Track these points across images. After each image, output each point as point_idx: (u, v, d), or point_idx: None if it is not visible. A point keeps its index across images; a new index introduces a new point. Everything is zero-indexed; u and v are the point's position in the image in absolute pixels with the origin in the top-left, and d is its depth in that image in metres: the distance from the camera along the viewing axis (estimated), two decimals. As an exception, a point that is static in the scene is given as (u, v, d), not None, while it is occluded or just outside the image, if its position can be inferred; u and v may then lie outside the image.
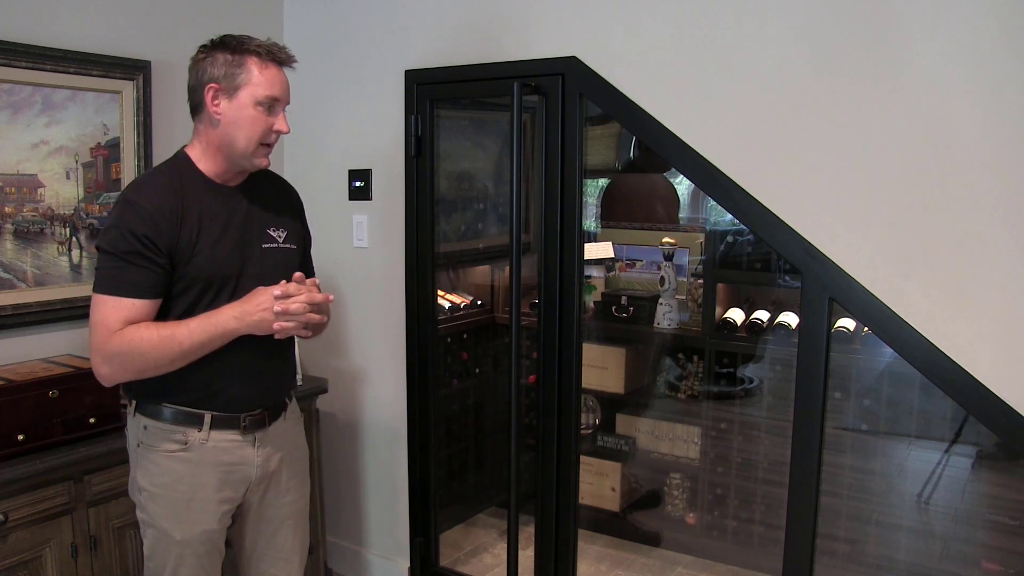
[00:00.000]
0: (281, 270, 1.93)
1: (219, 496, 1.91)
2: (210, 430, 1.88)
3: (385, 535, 3.16)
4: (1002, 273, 1.91)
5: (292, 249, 2.00)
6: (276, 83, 1.83)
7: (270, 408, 1.97)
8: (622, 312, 3.48)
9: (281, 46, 1.87)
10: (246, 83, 1.80)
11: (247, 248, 1.90)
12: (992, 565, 2.73)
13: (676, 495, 3.43)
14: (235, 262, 1.87)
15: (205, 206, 1.85)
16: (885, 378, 2.98)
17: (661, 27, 2.30)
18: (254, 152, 1.84)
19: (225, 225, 1.87)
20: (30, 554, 2.13)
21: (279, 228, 1.98)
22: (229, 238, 1.87)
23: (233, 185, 1.93)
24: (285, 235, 1.99)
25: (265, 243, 1.94)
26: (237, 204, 1.91)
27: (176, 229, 1.79)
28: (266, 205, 1.97)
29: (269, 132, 1.84)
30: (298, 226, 2.06)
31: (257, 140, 1.83)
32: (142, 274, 1.76)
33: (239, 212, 1.91)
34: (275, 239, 1.96)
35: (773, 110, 2.16)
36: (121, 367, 1.77)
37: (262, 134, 1.83)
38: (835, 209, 2.10)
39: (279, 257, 1.96)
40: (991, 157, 1.90)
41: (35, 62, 2.41)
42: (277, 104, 1.84)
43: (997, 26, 1.87)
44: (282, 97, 1.85)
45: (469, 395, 3.64)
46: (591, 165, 3.49)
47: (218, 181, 1.90)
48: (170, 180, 1.84)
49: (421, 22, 2.80)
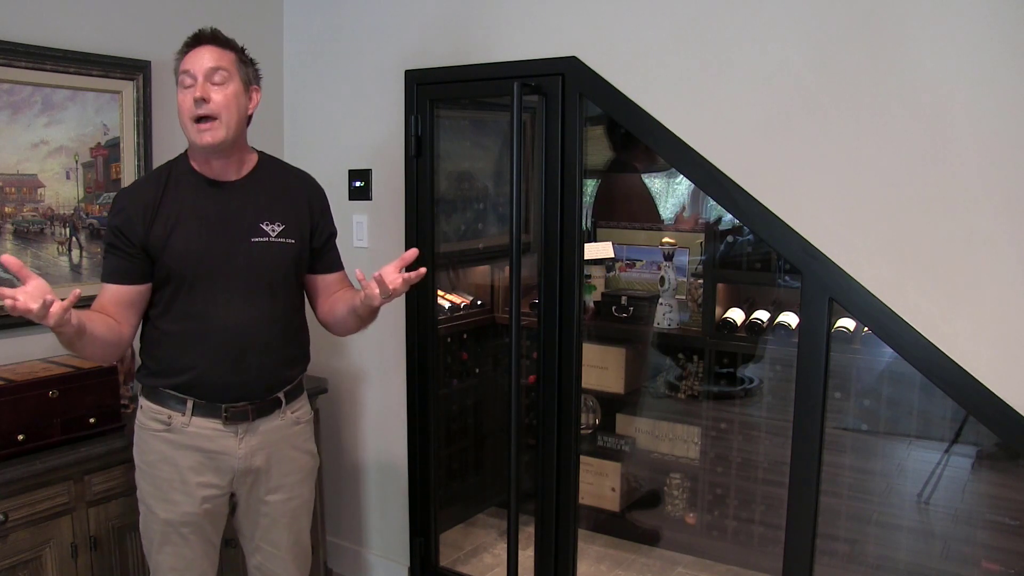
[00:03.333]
0: (271, 265, 1.98)
1: (199, 480, 1.96)
2: (192, 415, 1.95)
3: (385, 535, 3.16)
4: (1002, 273, 1.91)
5: (287, 244, 2.00)
6: (190, 60, 1.89)
7: (255, 403, 1.98)
8: (622, 312, 3.48)
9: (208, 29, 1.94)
10: (177, 73, 1.93)
11: (232, 243, 1.94)
12: (992, 565, 2.72)
13: (676, 495, 3.43)
14: (210, 254, 1.91)
15: (187, 202, 1.93)
16: (885, 378, 2.98)
17: (661, 27, 2.30)
18: (191, 131, 1.89)
19: (206, 220, 1.93)
20: (30, 554, 2.13)
21: (274, 223, 1.99)
22: (208, 233, 1.92)
23: (229, 180, 1.97)
24: (281, 229, 1.99)
25: (255, 237, 1.96)
26: (227, 199, 1.96)
27: (148, 223, 1.89)
28: (265, 199, 2.00)
29: (191, 106, 1.87)
30: (305, 220, 2.06)
31: (187, 118, 1.88)
32: (115, 262, 1.92)
33: (225, 205, 1.95)
34: (267, 233, 1.98)
35: (773, 110, 2.16)
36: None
37: (188, 110, 1.88)
38: (835, 209, 2.10)
39: (269, 252, 1.98)
40: (991, 156, 1.90)
41: (35, 62, 2.41)
42: (190, 76, 1.88)
43: (997, 27, 1.87)
44: (193, 69, 1.88)
45: (469, 395, 3.64)
46: (591, 165, 3.49)
47: (211, 176, 1.96)
48: (158, 176, 1.97)
49: (421, 22, 2.79)
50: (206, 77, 1.86)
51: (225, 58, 1.90)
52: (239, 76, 1.92)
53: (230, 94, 1.89)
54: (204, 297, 1.92)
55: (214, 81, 1.87)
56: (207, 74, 1.86)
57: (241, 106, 1.92)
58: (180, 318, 1.93)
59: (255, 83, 1.99)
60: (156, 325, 1.97)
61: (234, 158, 1.97)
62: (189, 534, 1.99)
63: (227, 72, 1.89)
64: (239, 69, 1.93)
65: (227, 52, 1.91)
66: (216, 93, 1.87)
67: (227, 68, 1.89)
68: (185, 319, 1.93)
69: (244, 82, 1.94)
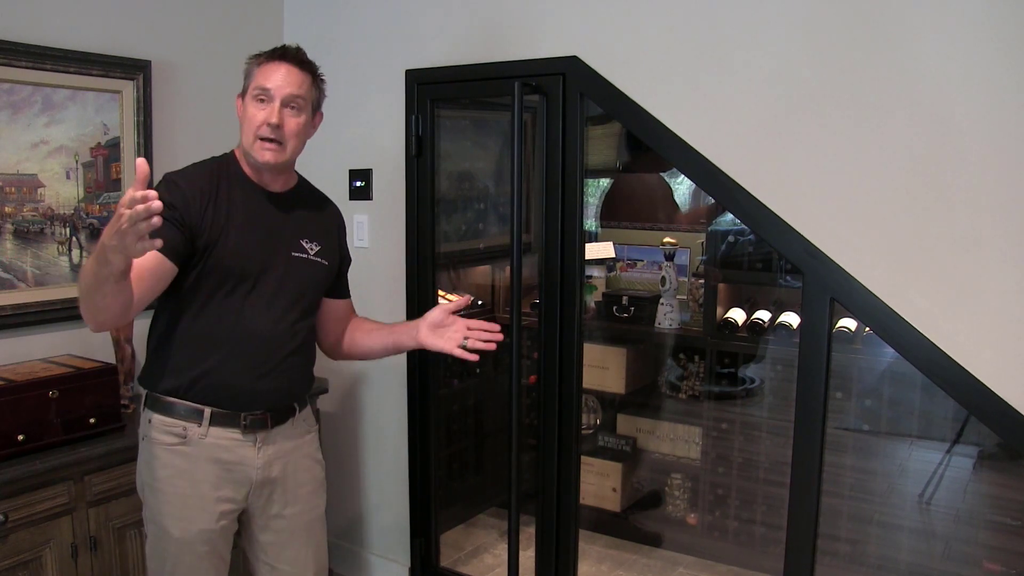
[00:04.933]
0: (306, 281, 1.98)
1: (217, 494, 1.91)
2: (209, 426, 1.89)
3: (385, 535, 3.16)
4: (1003, 272, 1.91)
5: (323, 264, 2.02)
6: (270, 75, 1.86)
7: (274, 410, 1.97)
8: (623, 312, 3.48)
9: (294, 46, 1.92)
10: (251, 82, 1.89)
11: (274, 251, 1.93)
12: (993, 565, 2.72)
13: (677, 495, 3.43)
14: (257, 259, 1.90)
15: (238, 199, 1.91)
16: (886, 378, 2.98)
17: (662, 27, 2.30)
18: (252, 145, 1.88)
19: (255, 222, 1.91)
20: (30, 554, 2.12)
21: (313, 241, 2.00)
22: (256, 235, 1.91)
23: (274, 190, 1.97)
24: (318, 249, 2.01)
25: (295, 252, 1.96)
26: (273, 208, 1.96)
27: (203, 209, 1.84)
28: (305, 217, 2.01)
29: (261, 124, 1.85)
30: (335, 246, 2.08)
31: (253, 133, 1.87)
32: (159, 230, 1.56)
33: (273, 216, 1.95)
34: (306, 250, 1.98)
35: (774, 110, 2.15)
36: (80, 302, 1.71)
37: (256, 126, 1.86)
38: (837, 209, 2.09)
39: (306, 268, 1.98)
40: (992, 156, 1.89)
41: (35, 62, 2.41)
42: (267, 95, 1.85)
43: (998, 27, 1.87)
44: (274, 88, 1.85)
45: (469, 395, 3.63)
46: (592, 165, 3.48)
47: (258, 183, 1.95)
48: (210, 169, 1.93)
49: (422, 21, 2.79)
50: (283, 102, 1.86)
51: (305, 84, 1.89)
52: (311, 103, 1.92)
53: (302, 122, 1.90)
54: (242, 301, 1.89)
55: (290, 106, 1.87)
56: (285, 99, 1.86)
57: (306, 133, 1.94)
58: (214, 320, 1.88)
59: (320, 106, 1.99)
60: (189, 326, 1.88)
61: (283, 175, 1.99)
62: (204, 553, 1.92)
63: (303, 100, 1.89)
64: (312, 95, 1.93)
65: (306, 76, 1.90)
66: (290, 119, 1.87)
67: (304, 96, 1.89)
68: (219, 321, 1.88)
69: (313, 108, 1.94)
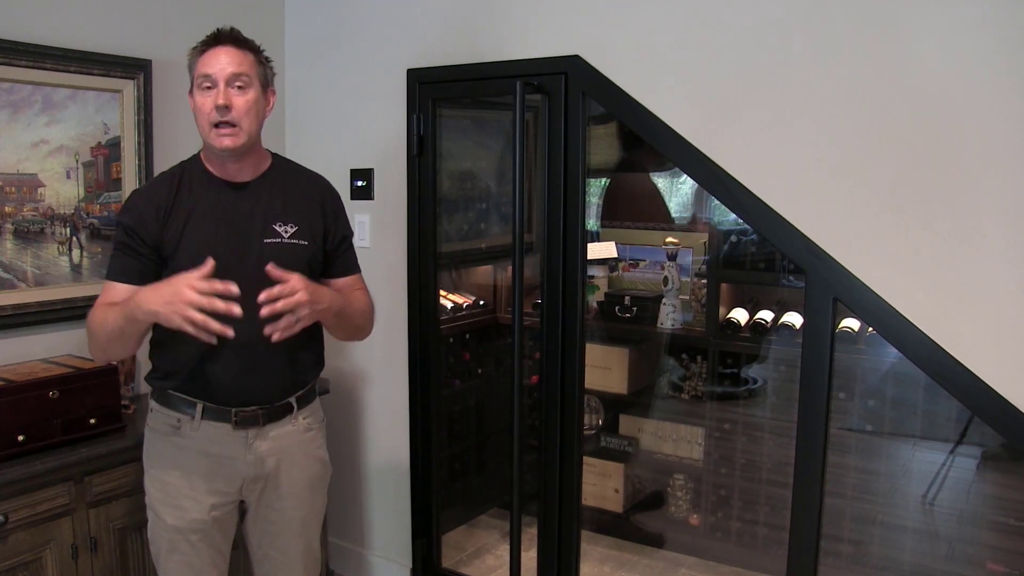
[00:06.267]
0: (283, 265, 1.91)
1: (209, 486, 1.94)
2: (201, 419, 1.93)
3: (387, 536, 3.15)
4: (1007, 272, 1.90)
5: (300, 245, 1.98)
6: (209, 62, 1.85)
7: (265, 407, 1.97)
8: (625, 312, 3.47)
9: (227, 28, 1.91)
10: (194, 73, 1.89)
11: (245, 244, 1.92)
12: (997, 566, 2.71)
13: (680, 496, 3.42)
14: (225, 257, 1.86)
15: (200, 202, 1.92)
16: (889, 378, 2.97)
17: (664, 26, 2.29)
18: (209, 134, 1.87)
19: (218, 218, 1.91)
20: (30, 555, 2.12)
21: (287, 224, 1.97)
22: (221, 233, 1.90)
23: (243, 180, 1.95)
24: (294, 230, 1.97)
25: (267, 238, 1.94)
26: (240, 200, 1.94)
27: (161, 224, 1.89)
28: (277, 201, 1.98)
29: (210, 110, 1.84)
30: (318, 221, 2.03)
31: (206, 121, 1.86)
32: (126, 261, 1.90)
33: (238, 207, 1.94)
34: (279, 234, 1.96)
35: (776, 109, 2.15)
36: (90, 340, 1.88)
37: (206, 113, 1.85)
38: (839, 208, 2.08)
39: (282, 253, 1.94)
40: (995, 156, 1.88)
41: (35, 61, 2.41)
42: (211, 80, 1.84)
43: (1000, 27, 1.86)
44: (215, 72, 1.84)
45: (471, 395, 3.63)
46: (594, 164, 3.47)
47: (224, 178, 1.94)
48: (171, 178, 1.95)
49: (423, 21, 2.79)
50: (227, 83, 1.84)
51: (246, 61, 1.87)
52: (258, 79, 1.90)
53: (251, 100, 1.87)
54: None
55: (235, 86, 1.85)
56: (228, 79, 1.84)
57: (260, 110, 1.91)
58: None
59: (271, 84, 1.97)
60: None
61: (249, 160, 1.96)
62: (198, 541, 1.96)
63: (248, 77, 1.87)
64: (258, 71, 1.91)
65: (247, 54, 1.89)
66: (237, 98, 1.85)
67: (248, 73, 1.87)
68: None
69: (262, 85, 1.92)
